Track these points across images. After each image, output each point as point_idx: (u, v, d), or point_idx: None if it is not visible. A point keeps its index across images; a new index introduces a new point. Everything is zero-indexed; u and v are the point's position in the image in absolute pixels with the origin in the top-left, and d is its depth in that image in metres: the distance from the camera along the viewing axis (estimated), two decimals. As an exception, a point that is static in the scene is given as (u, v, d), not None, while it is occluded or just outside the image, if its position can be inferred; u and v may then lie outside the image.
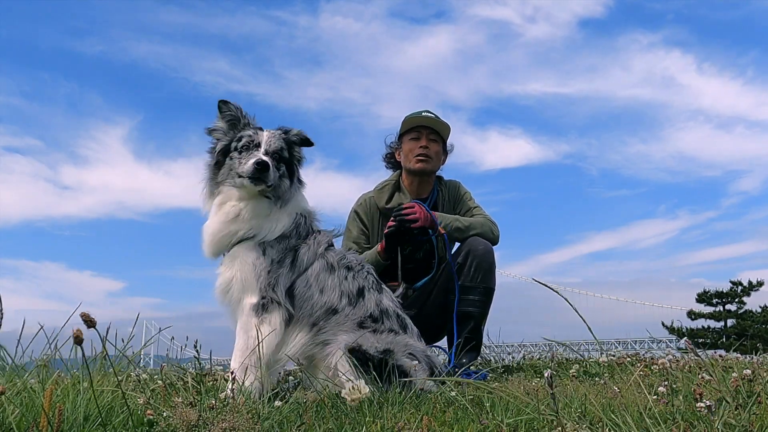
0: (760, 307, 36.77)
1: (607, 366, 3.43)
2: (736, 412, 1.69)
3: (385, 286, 2.85)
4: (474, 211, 4.01)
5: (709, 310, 38.33)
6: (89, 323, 1.49)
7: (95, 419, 1.63)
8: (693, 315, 38.57)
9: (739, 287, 37.69)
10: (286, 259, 2.66)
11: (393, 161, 4.16)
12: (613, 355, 4.14)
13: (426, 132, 3.96)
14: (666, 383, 2.14)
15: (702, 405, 1.61)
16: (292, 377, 2.68)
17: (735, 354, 3.67)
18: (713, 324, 37.94)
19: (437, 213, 3.81)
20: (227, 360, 2.64)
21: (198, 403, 1.86)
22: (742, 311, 37.54)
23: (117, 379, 1.91)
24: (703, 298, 38.71)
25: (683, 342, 2.03)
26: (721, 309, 38.13)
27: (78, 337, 1.35)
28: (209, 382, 2.63)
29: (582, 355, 4.27)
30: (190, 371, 2.92)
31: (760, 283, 37.63)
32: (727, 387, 1.96)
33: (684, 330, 36.27)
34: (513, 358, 5.38)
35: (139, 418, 1.64)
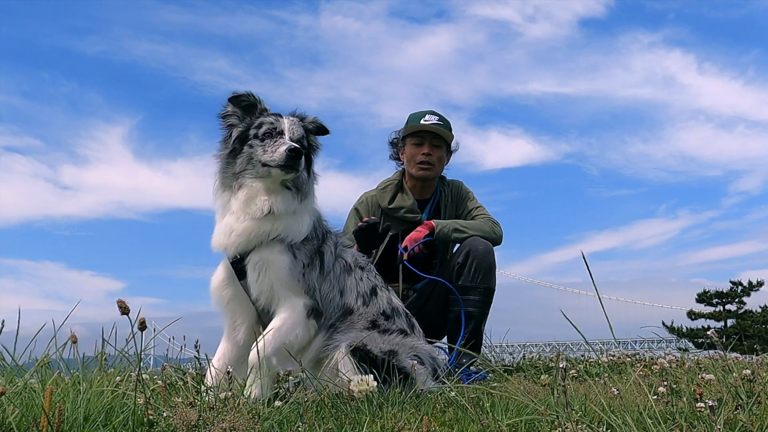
0: (760, 307, 36.72)
1: (608, 366, 3.43)
2: (736, 412, 1.69)
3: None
4: (476, 212, 3.99)
5: (709, 310, 38.28)
6: (124, 310, 1.50)
7: (95, 419, 1.63)
8: (693, 315, 38.51)
9: (739, 287, 37.64)
10: (314, 262, 2.56)
11: (397, 157, 4.14)
12: (613, 355, 4.14)
13: (429, 137, 3.90)
14: (666, 383, 2.14)
15: (702, 405, 1.61)
16: (292, 377, 2.68)
17: (735, 354, 3.67)
18: (713, 324, 37.87)
19: (435, 221, 3.77)
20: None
21: (198, 403, 1.86)
22: (742, 311, 37.50)
23: (117, 379, 1.92)
24: (703, 298, 38.67)
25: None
26: (721, 309, 38.09)
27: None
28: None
29: (583, 355, 4.28)
30: (190, 371, 2.92)
31: (760, 283, 37.57)
32: (727, 387, 1.96)
33: (684, 330, 36.23)
34: (513, 358, 5.38)
35: (139, 418, 1.64)
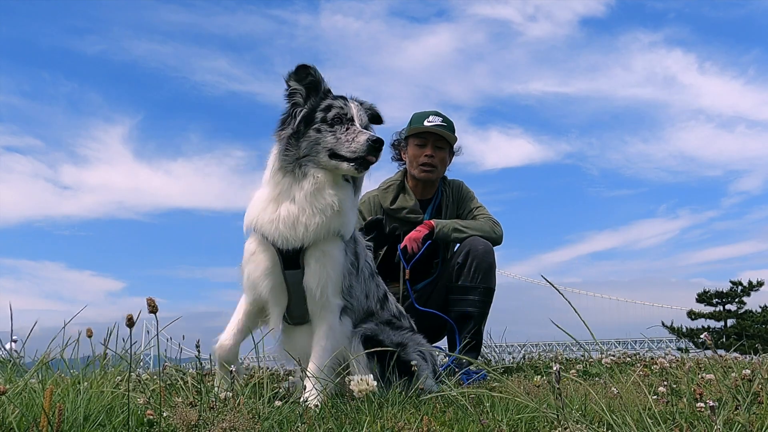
0: (760, 307, 36.73)
1: (608, 366, 3.43)
2: (736, 412, 1.69)
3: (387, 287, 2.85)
4: (476, 212, 3.99)
5: (709, 310, 38.29)
6: (153, 308, 1.50)
7: (95, 419, 1.63)
8: (693, 315, 38.52)
9: (739, 287, 37.64)
10: (357, 262, 2.50)
11: (399, 158, 4.12)
12: (614, 355, 4.14)
13: (432, 139, 3.87)
14: (666, 383, 2.14)
15: (702, 405, 1.61)
16: (291, 377, 2.68)
17: (735, 354, 3.67)
18: (713, 324, 37.90)
19: (435, 221, 3.78)
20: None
21: (198, 403, 1.86)
22: (742, 311, 37.51)
23: (117, 379, 1.92)
24: (703, 298, 38.67)
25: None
26: (721, 309, 38.09)
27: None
28: (209, 382, 2.63)
29: (583, 355, 4.27)
30: (190, 371, 2.92)
31: (760, 283, 37.58)
32: (727, 387, 1.96)
33: (684, 330, 36.22)
34: (513, 358, 5.38)
35: (139, 418, 1.64)
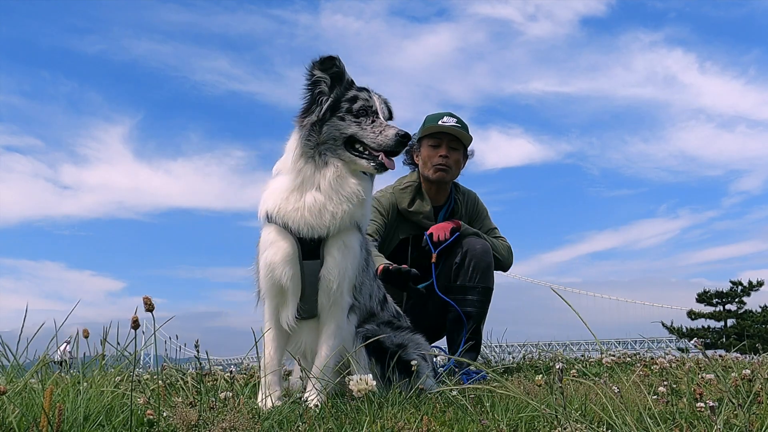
0: (760, 307, 36.80)
1: (608, 366, 3.43)
2: (736, 412, 1.69)
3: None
4: (492, 234, 3.98)
5: (709, 310, 38.36)
6: (149, 307, 1.50)
7: (95, 419, 1.63)
8: (693, 315, 38.58)
9: (739, 287, 37.70)
10: (368, 258, 2.44)
11: (411, 161, 4.00)
12: (614, 355, 4.14)
13: (447, 139, 3.77)
14: (666, 383, 2.14)
15: (702, 405, 1.61)
16: (291, 377, 2.68)
17: (735, 354, 3.67)
18: (713, 324, 37.96)
19: (462, 222, 3.78)
20: (226, 360, 2.63)
21: (198, 403, 1.86)
22: (742, 311, 37.56)
23: (117, 379, 1.92)
24: (703, 298, 38.72)
25: (693, 342, 2.03)
26: (721, 309, 38.13)
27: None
28: (209, 382, 2.63)
29: (583, 355, 4.28)
30: (190, 371, 2.92)
31: (760, 283, 37.64)
32: (727, 387, 1.96)
33: (684, 330, 36.25)
34: (513, 358, 5.38)
35: (139, 418, 1.64)
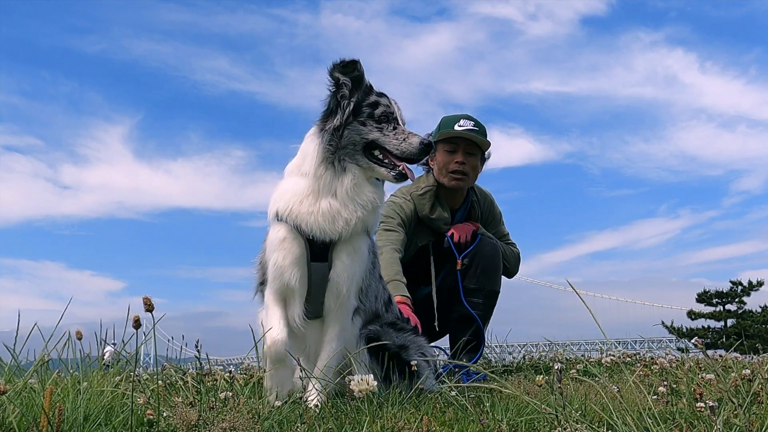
0: (760, 307, 36.74)
1: (608, 366, 3.43)
2: (735, 412, 1.69)
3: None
4: (504, 239, 3.94)
5: (709, 310, 38.30)
6: (149, 307, 1.49)
7: (95, 419, 1.63)
8: (693, 315, 38.53)
9: (739, 287, 37.64)
10: (375, 260, 2.47)
11: (425, 162, 3.79)
12: (614, 355, 4.14)
13: (463, 144, 3.61)
14: (666, 383, 2.14)
15: (702, 405, 1.61)
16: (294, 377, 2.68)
17: (735, 354, 3.67)
18: (713, 324, 37.91)
19: (479, 224, 3.77)
20: (226, 360, 2.63)
21: (198, 403, 1.86)
22: (742, 311, 37.51)
23: (117, 379, 1.92)
24: (703, 298, 38.67)
25: (694, 341, 2.02)
26: (721, 309, 38.09)
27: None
28: (209, 382, 2.63)
29: (583, 355, 4.28)
30: (190, 371, 2.92)
31: (760, 283, 37.59)
32: (727, 387, 1.96)
33: (684, 330, 36.21)
34: (513, 358, 5.38)
35: (139, 418, 1.64)
